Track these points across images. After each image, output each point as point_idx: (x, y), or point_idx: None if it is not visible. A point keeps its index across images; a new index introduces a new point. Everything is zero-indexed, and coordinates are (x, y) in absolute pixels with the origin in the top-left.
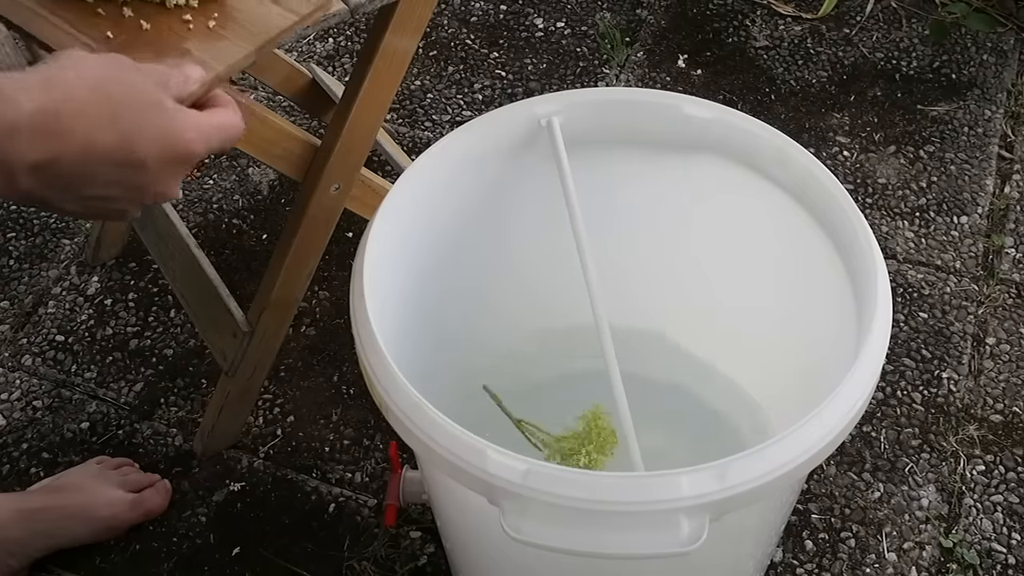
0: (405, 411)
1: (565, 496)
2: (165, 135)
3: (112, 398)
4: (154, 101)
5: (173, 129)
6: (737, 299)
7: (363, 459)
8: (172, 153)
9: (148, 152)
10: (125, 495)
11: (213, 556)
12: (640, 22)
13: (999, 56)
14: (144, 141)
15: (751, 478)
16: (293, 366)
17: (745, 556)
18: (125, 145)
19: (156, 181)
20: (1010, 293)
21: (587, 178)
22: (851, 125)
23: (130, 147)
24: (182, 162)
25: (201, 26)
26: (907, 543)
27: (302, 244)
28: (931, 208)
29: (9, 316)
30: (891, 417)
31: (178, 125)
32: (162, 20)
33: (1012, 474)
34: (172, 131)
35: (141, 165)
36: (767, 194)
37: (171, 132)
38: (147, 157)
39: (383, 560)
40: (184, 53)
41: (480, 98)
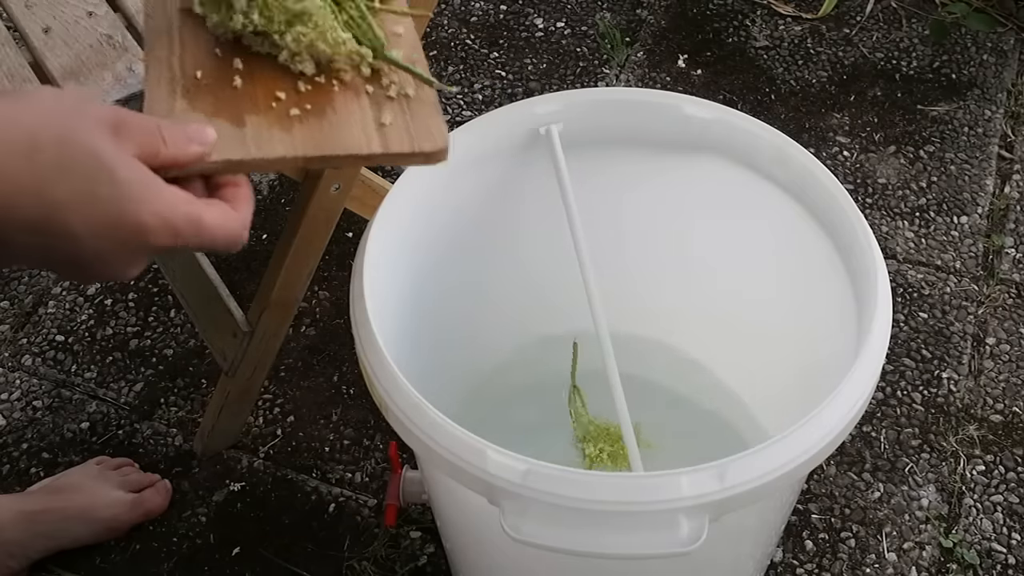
0: (405, 411)
1: (565, 496)
2: (109, 212)
3: (112, 398)
4: (103, 166)
5: (122, 207)
6: (737, 299)
7: (363, 459)
8: (116, 236)
9: (82, 227)
10: (125, 495)
11: (213, 556)
12: (640, 22)
13: (999, 56)
14: (78, 215)
15: (751, 478)
16: (293, 366)
17: (745, 556)
18: (52, 216)
19: (97, 262)
20: (1010, 293)
21: (587, 178)
22: (851, 125)
23: (59, 219)
24: (133, 249)
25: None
26: (907, 543)
27: (302, 244)
28: (931, 208)
29: (9, 316)
30: (891, 417)
31: (129, 204)
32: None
33: (1012, 474)
34: (120, 210)
35: (72, 238)
36: (767, 194)
37: (119, 211)
38: (82, 233)
39: (383, 560)
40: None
41: (480, 98)
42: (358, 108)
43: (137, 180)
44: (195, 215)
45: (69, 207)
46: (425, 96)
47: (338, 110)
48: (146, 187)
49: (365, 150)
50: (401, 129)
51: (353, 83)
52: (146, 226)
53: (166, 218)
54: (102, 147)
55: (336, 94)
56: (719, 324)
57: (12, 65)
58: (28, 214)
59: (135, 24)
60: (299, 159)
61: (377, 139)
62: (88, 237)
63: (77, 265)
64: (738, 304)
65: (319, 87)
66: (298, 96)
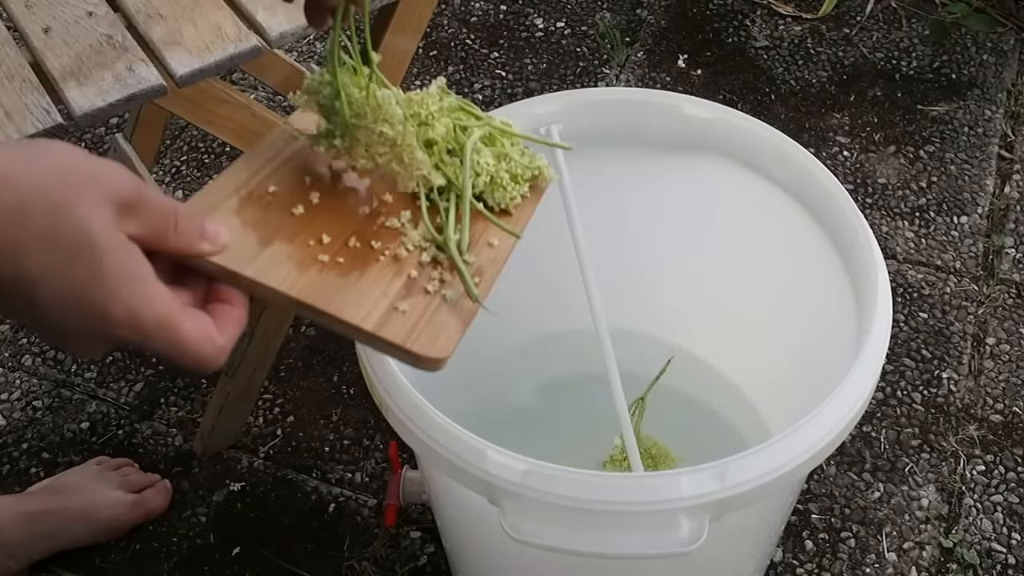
0: (405, 411)
1: (565, 496)
2: (79, 293)
3: (112, 398)
4: (89, 247)
5: (93, 292)
6: (736, 299)
7: (363, 459)
8: (80, 317)
9: (49, 300)
10: (125, 496)
11: (213, 556)
12: (640, 22)
13: (999, 56)
14: (48, 287)
15: (751, 478)
16: (293, 366)
17: (745, 556)
18: (21, 282)
19: (56, 333)
20: (1010, 293)
21: (587, 178)
22: (851, 125)
23: (27, 287)
24: (95, 334)
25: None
26: (907, 543)
27: None
28: (931, 208)
29: None
30: (891, 417)
31: (101, 291)
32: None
33: (1012, 474)
34: (91, 294)
35: (36, 307)
36: (767, 194)
37: (90, 295)
38: (47, 304)
39: (383, 560)
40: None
41: (480, 98)
42: (386, 283)
43: (120, 269)
44: (169, 322)
45: (41, 278)
46: (461, 308)
47: (365, 275)
48: (127, 278)
49: (356, 321)
50: (410, 322)
51: (404, 261)
52: (112, 318)
53: (137, 317)
54: (95, 226)
55: (377, 262)
56: (717, 324)
57: (12, 65)
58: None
59: (135, 24)
60: (291, 299)
61: (376, 318)
62: (52, 309)
63: (40, 329)
64: (738, 304)
65: (368, 250)
66: (341, 247)
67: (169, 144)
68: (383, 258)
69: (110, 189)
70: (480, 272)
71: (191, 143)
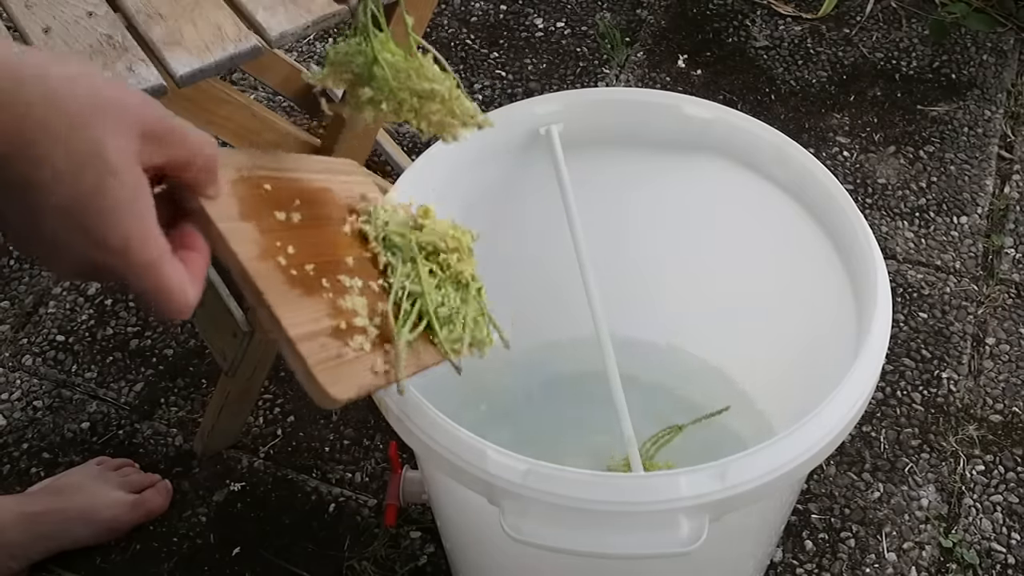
0: (405, 411)
1: (565, 496)
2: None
3: (112, 398)
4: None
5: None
6: (736, 299)
7: (363, 459)
8: (80, 240)
9: (53, 211)
10: (126, 496)
11: (213, 556)
12: (640, 22)
13: (999, 56)
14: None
15: (751, 478)
16: None
17: (745, 556)
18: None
19: (54, 251)
20: (1010, 293)
21: (587, 179)
22: (851, 125)
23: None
24: (80, 248)
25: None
26: (907, 543)
27: None
28: (931, 208)
29: (9, 316)
30: (891, 417)
31: (101, 214)
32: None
33: (1012, 474)
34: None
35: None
36: (767, 194)
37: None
38: (50, 217)
39: (383, 560)
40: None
41: (480, 98)
42: (320, 316)
43: (127, 200)
44: (156, 265)
45: (50, 186)
46: (370, 376)
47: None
48: (132, 211)
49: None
50: (325, 354)
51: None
52: (107, 243)
53: (129, 250)
54: (110, 151)
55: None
56: (717, 324)
57: None
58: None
59: (135, 24)
60: (243, 271)
61: (301, 332)
62: (51, 219)
63: (27, 238)
64: (737, 304)
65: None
66: (299, 265)
67: None
68: (326, 297)
69: (137, 119)
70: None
71: None
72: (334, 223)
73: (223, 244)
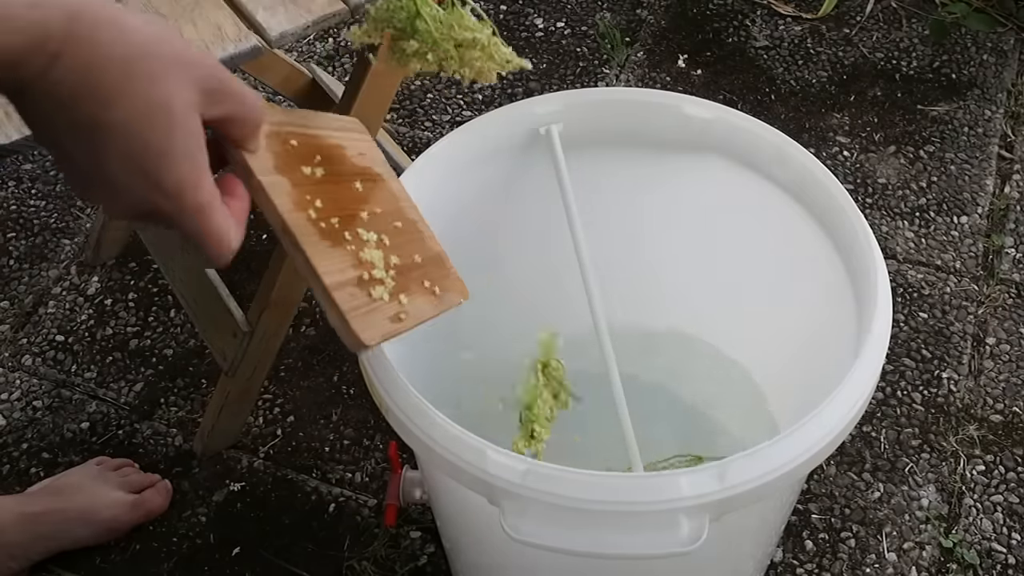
0: (405, 411)
1: (565, 496)
2: (146, 162)
3: (112, 398)
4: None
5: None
6: (736, 299)
7: (363, 459)
8: (138, 182)
9: (116, 154)
10: (126, 496)
11: (213, 556)
12: (640, 22)
13: (999, 56)
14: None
15: (751, 478)
16: (293, 366)
17: (745, 556)
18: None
19: (112, 192)
20: (1010, 293)
21: (586, 179)
22: (851, 125)
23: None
24: (141, 202)
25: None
26: (907, 543)
27: None
28: (931, 208)
29: (9, 316)
30: (891, 417)
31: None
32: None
33: (1012, 474)
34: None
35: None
36: (767, 194)
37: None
38: (113, 158)
39: (383, 560)
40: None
41: (480, 98)
42: (346, 266)
43: (184, 147)
44: (207, 210)
45: (118, 129)
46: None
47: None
48: (188, 157)
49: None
50: (356, 302)
51: (362, 264)
52: (162, 186)
53: (183, 193)
54: (176, 102)
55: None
56: (717, 324)
57: None
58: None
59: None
60: (282, 221)
61: (334, 281)
62: (112, 161)
63: (86, 178)
64: (737, 304)
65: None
66: (326, 219)
67: None
68: (350, 249)
69: (201, 74)
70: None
71: None
72: (348, 178)
73: (263, 195)
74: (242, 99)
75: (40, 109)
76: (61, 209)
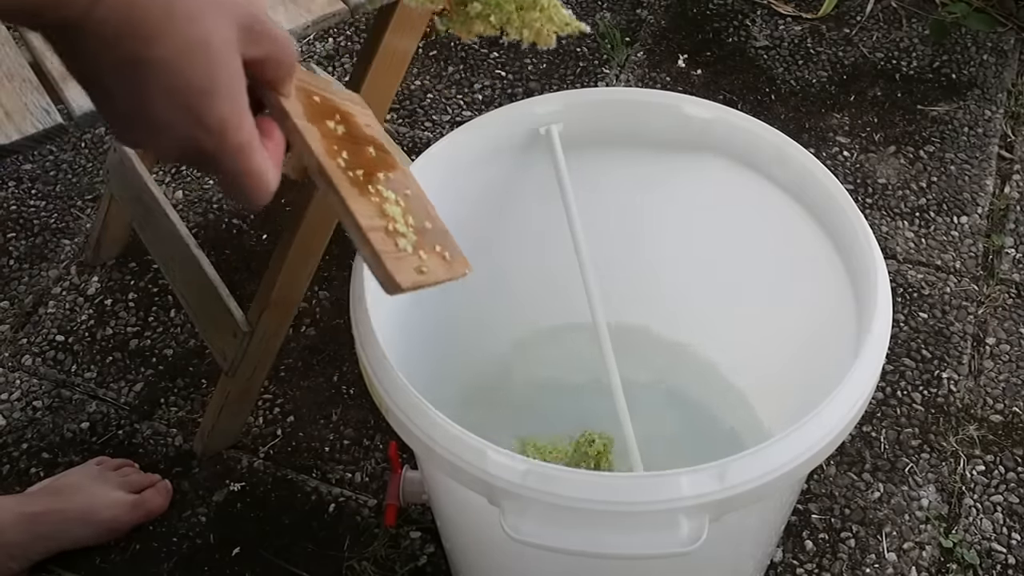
0: (405, 411)
1: (565, 496)
2: (189, 99)
3: (112, 398)
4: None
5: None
6: (736, 299)
7: (363, 459)
8: (180, 119)
9: (159, 91)
10: (126, 496)
11: (213, 556)
12: (640, 22)
13: (999, 56)
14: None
15: (751, 478)
16: (293, 366)
17: (745, 556)
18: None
19: (154, 131)
20: (1010, 293)
21: (586, 178)
22: (851, 125)
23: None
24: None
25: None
26: (907, 543)
27: (302, 244)
28: (931, 208)
29: (9, 316)
30: (891, 417)
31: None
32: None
33: (1012, 474)
34: (200, 102)
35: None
36: (767, 194)
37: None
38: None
39: (383, 560)
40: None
41: (480, 98)
42: (374, 214)
43: (227, 85)
44: (248, 149)
45: (161, 66)
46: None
47: (363, 197)
48: (231, 95)
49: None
50: (387, 246)
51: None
52: (205, 123)
53: (225, 131)
54: (217, 40)
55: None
56: (717, 325)
57: (12, 65)
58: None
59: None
60: (318, 163)
61: (367, 223)
62: (156, 99)
63: (128, 117)
64: (737, 304)
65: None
66: (352, 168)
67: None
68: (375, 201)
69: (242, 15)
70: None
71: None
72: (363, 143)
73: (299, 137)
74: (280, 40)
75: (84, 48)
76: (61, 209)
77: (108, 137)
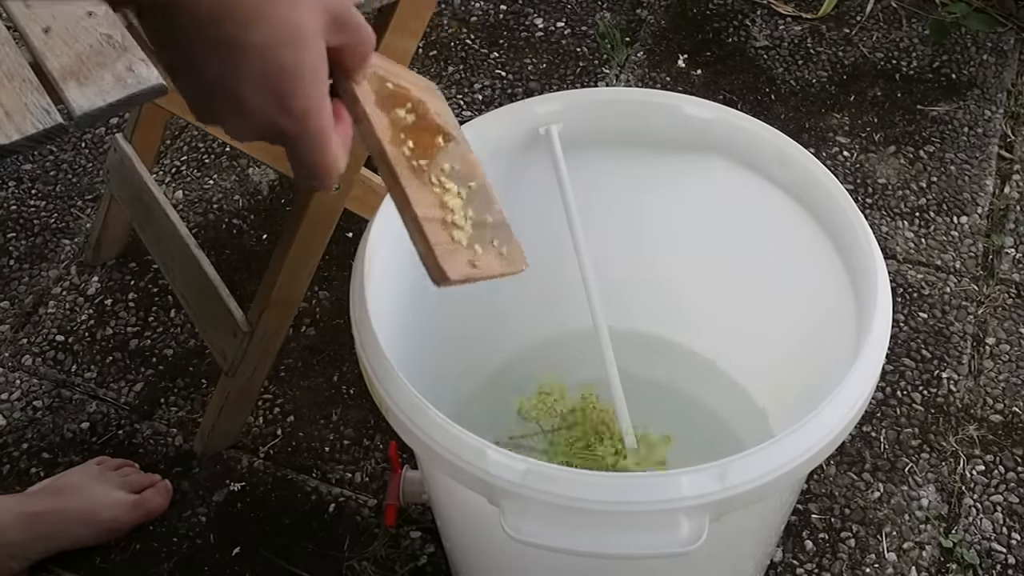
0: (405, 411)
1: (565, 496)
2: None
3: (112, 398)
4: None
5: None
6: (736, 299)
7: (363, 459)
8: (267, 101)
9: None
10: (126, 496)
11: (213, 556)
12: (640, 22)
13: (999, 56)
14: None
15: (751, 478)
16: (293, 366)
17: (745, 556)
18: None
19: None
20: (1010, 293)
21: (586, 178)
22: (851, 125)
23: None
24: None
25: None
26: (907, 543)
27: (302, 244)
28: (931, 208)
29: (9, 316)
30: (891, 417)
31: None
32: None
33: (1012, 474)
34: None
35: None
36: (767, 194)
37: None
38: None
39: (383, 560)
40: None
41: (480, 98)
42: (431, 204)
43: (312, 70)
44: (325, 134)
45: (256, 50)
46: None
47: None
48: (316, 81)
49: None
50: (440, 237)
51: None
52: (289, 107)
53: (307, 116)
54: (308, 27)
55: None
56: (718, 324)
57: (12, 65)
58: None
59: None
60: (381, 149)
61: (423, 212)
62: (248, 81)
63: (217, 98)
64: (737, 304)
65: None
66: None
67: (169, 144)
68: (436, 192)
69: (333, 3)
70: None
71: (191, 143)
72: (432, 132)
73: (367, 124)
74: (362, 30)
75: (179, 26)
76: (61, 209)
77: (108, 137)
